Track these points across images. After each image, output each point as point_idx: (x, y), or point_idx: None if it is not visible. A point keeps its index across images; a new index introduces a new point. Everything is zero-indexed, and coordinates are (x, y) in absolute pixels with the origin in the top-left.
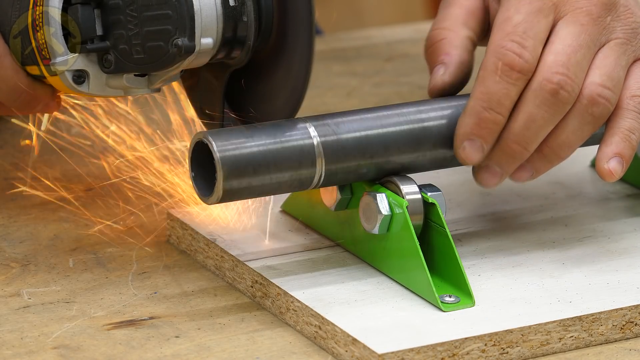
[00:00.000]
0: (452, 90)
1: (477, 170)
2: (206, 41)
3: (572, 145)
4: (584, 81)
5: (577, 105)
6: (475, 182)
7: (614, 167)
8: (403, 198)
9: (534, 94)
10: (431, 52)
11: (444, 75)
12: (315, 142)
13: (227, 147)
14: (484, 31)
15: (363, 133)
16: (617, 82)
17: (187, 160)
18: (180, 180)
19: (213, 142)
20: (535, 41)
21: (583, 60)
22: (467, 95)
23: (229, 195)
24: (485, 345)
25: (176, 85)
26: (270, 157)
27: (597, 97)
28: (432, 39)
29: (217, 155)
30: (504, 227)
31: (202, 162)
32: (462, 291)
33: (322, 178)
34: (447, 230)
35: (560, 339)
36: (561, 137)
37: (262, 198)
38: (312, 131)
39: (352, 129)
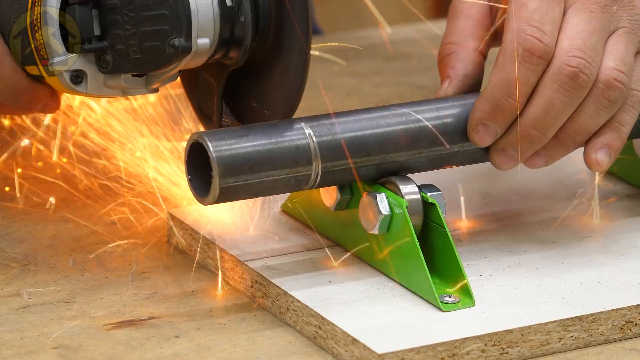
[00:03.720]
0: None
1: (493, 153)
2: (203, 41)
3: (589, 130)
4: (599, 66)
5: (594, 90)
6: (475, 182)
7: (602, 158)
8: (403, 198)
9: (553, 79)
10: (441, 66)
11: (447, 88)
12: (310, 142)
13: (222, 146)
14: (493, 38)
15: (358, 133)
16: (630, 67)
17: (183, 161)
18: (179, 180)
19: (208, 142)
20: (552, 27)
21: (597, 45)
22: (467, 96)
23: (225, 195)
24: (485, 345)
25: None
26: (265, 157)
27: (614, 81)
28: (441, 53)
29: (212, 154)
30: (504, 227)
31: (198, 163)
32: (462, 291)
33: (319, 178)
34: (447, 230)
35: (560, 339)
36: (578, 123)
37: (262, 198)
38: (308, 131)
39: (348, 128)
